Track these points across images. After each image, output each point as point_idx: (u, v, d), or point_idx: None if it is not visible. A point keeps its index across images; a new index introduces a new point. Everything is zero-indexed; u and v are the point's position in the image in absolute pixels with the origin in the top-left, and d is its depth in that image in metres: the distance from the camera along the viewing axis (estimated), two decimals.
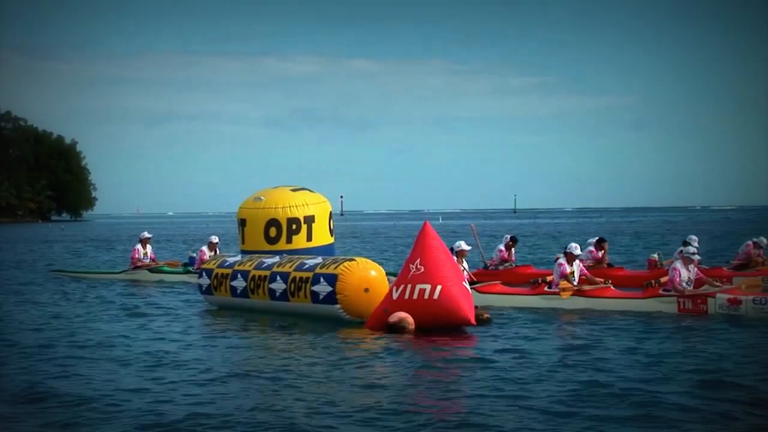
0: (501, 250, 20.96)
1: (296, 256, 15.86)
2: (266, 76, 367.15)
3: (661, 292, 14.89)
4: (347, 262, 14.31)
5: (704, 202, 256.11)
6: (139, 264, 23.32)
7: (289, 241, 18.04)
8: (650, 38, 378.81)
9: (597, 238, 20.53)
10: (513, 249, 21.27)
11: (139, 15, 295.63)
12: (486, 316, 13.85)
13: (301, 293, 14.55)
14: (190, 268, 22.20)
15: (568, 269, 15.81)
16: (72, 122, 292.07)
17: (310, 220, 18.38)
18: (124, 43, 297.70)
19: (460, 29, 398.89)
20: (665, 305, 14.64)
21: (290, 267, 15.10)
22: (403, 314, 12.81)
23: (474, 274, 18.04)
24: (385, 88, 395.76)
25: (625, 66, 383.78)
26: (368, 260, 14.66)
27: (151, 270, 23.04)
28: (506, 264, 20.74)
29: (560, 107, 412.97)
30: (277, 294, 15.03)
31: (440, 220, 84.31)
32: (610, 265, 19.85)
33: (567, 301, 15.48)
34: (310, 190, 19.20)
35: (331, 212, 19.44)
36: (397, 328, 12.68)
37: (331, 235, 19.41)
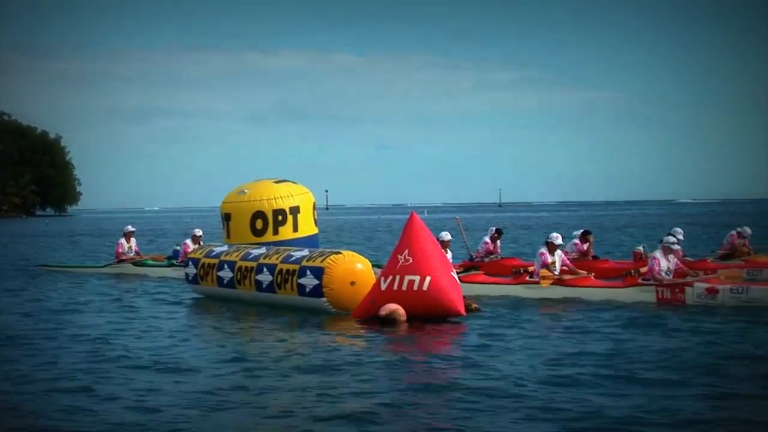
0: (486, 243, 21.06)
1: (283, 248, 15.91)
2: (250, 71, 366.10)
3: (640, 281, 15.08)
4: (334, 255, 14.28)
5: (688, 195, 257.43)
6: (124, 258, 23.33)
7: (275, 232, 18.11)
8: (635, 31, 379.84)
9: (582, 230, 20.67)
10: (498, 241, 21.40)
11: (127, 13, 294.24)
12: (474, 306, 13.96)
13: (288, 285, 14.56)
14: (174, 262, 22.27)
15: (550, 259, 15.98)
16: (58, 118, 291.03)
17: (295, 210, 18.46)
18: (114, 40, 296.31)
19: (445, 24, 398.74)
20: (644, 294, 14.79)
21: (277, 259, 15.08)
22: (393, 306, 12.77)
23: (459, 266, 18.16)
24: (369, 83, 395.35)
25: (608, 60, 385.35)
26: (354, 253, 14.64)
27: (135, 264, 23.04)
28: (492, 256, 20.85)
29: (546, 101, 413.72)
30: (264, 286, 15.04)
31: (425, 214, 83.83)
32: (595, 258, 20.00)
33: (548, 291, 15.63)
34: (292, 182, 19.32)
35: (314, 203, 19.56)
36: (389, 321, 12.67)
37: (315, 226, 19.54)
